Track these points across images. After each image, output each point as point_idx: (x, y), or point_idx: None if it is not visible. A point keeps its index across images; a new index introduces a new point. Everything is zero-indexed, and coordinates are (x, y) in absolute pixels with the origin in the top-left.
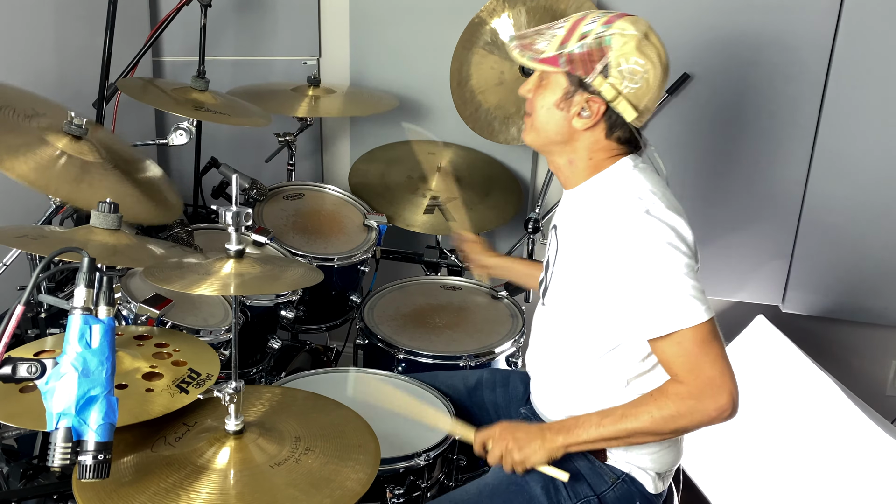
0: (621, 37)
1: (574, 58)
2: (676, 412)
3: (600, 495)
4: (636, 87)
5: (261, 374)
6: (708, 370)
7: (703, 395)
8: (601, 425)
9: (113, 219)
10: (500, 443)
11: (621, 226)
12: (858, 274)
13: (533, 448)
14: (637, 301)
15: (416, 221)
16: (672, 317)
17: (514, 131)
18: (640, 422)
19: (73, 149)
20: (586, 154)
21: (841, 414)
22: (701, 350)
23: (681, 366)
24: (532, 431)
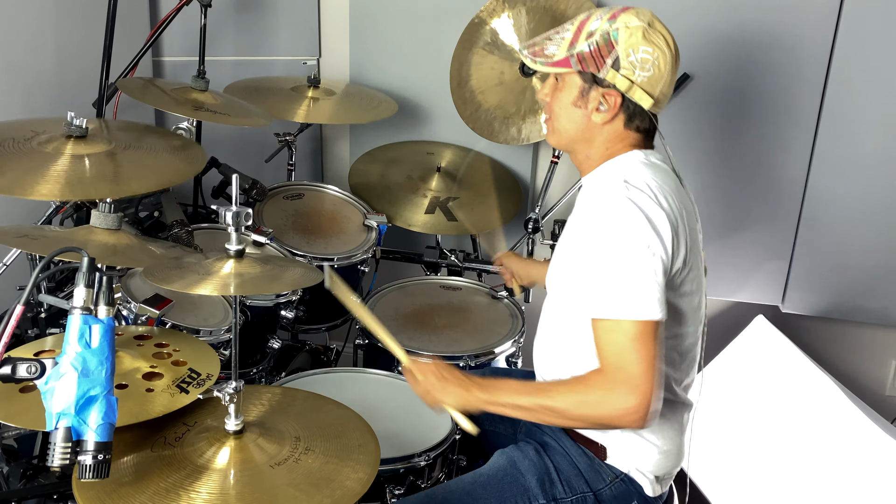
0: (626, 29)
1: (584, 56)
2: (585, 399)
3: (596, 492)
4: (648, 74)
5: (261, 374)
6: (630, 367)
7: (614, 389)
8: (519, 393)
9: (113, 219)
10: (428, 376)
11: (599, 207)
12: (858, 274)
13: (452, 392)
14: (592, 279)
15: (416, 221)
16: (616, 303)
17: (514, 131)
18: (551, 399)
19: (82, 149)
20: (604, 147)
21: (841, 414)
22: (632, 346)
23: (608, 354)
24: (458, 378)
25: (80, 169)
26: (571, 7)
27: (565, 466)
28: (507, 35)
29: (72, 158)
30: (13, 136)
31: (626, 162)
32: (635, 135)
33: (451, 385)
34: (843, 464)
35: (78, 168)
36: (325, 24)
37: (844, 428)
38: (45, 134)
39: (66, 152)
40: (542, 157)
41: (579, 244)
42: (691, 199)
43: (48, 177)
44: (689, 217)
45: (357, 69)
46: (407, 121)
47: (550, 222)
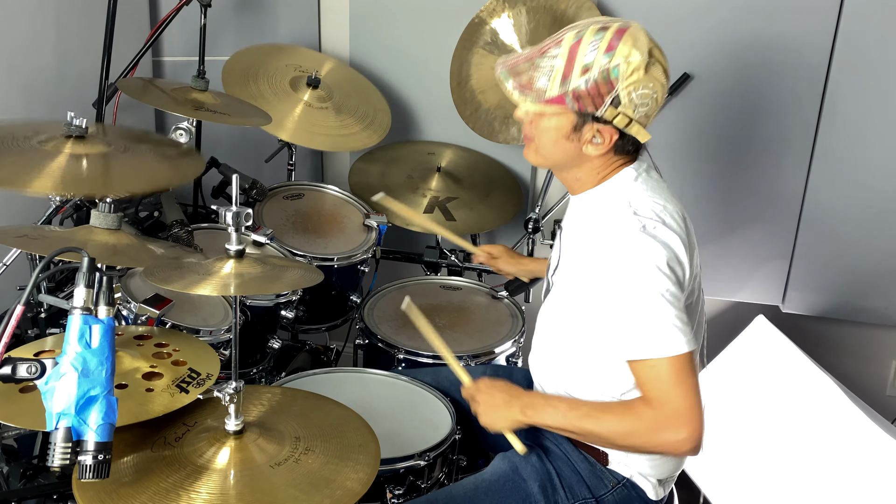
0: (626, 65)
1: (581, 94)
2: (634, 430)
3: (599, 498)
4: (646, 108)
5: (261, 374)
6: (675, 402)
7: (665, 423)
8: (566, 417)
9: (113, 219)
10: (476, 403)
11: (616, 242)
12: (858, 274)
13: (500, 415)
14: (620, 321)
15: (416, 221)
16: (651, 343)
17: (514, 131)
18: (600, 426)
19: (80, 149)
20: (595, 171)
21: (841, 414)
22: (674, 380)
23: (651, 390)
24: (504, 400)
25: (77, 167)
26: (572, 7)
27: (567, 472)
28: (508, 35)
29: (70, 157)
30: (13, 133)
31: (623, 184)
32: (624, 157)
33: (496, 409)
34: (843, 464)
35: (75, 166)
36: (325, 24)
37: (845, 428)
38: (45, 133)
39: (64, 151)
40: None
41: (593, 278)
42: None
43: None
44: (689, 226)
45: (357, 69)
46: (407, 121)
47: (550, 222)
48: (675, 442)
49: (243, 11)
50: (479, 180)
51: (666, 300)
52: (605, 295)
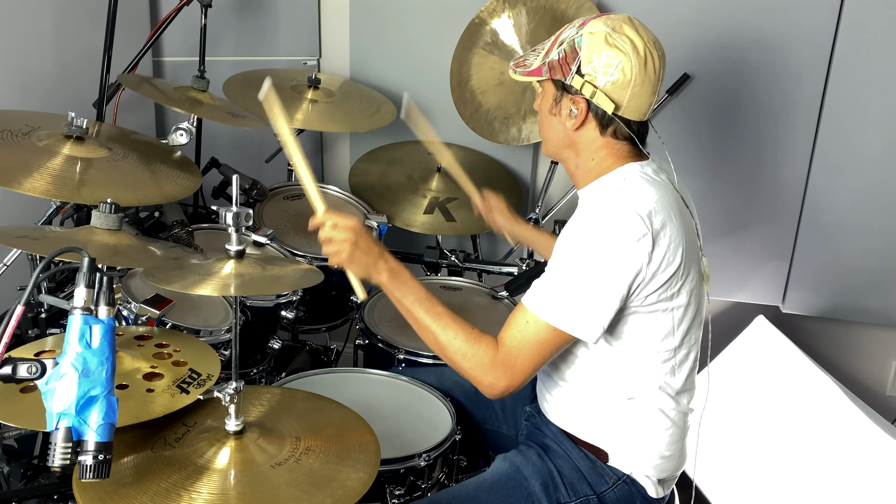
0: (590, 35)
1: (553, 64)
2: (469, 356)
3: (600, 495)
4: (612, 78)
5: (261, 374)
6: (521, 361)
7: (496, 367)
8: (417, 302)
9: (114, 219)
10: (339, 238)
11: (588, 216)
12: (858, 274)
13: (359, 261)
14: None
15: (416, 221)
16: (552, 306)
17: (514, 131)
18: (442, 333)
19: (79, 151)
20: (588, 155)
21: (841, 414)
22: (536, 346)
23: (510, 337)
24: (371, 252)
25: (71, 171)
26: (572, 7)
27: (568, 470)
28: (508, 35)
29: (66, 159)
30: (10, 128)
31: (623, 177)
32: (620, 144)
33: (361, 253)
34: (843, 464)
35: (70, 169)
36: (326, 24)
37: (845, 428)
38: (45, 130)
39: (62, 152)
40: (542, 157)
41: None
42: (691, 210)
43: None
44: (689, 231)
45: (357, 69)
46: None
47: (551, 222)
48: (490, 385)
49: (243, 11)
50: (480, 180)
51: (595, 281)
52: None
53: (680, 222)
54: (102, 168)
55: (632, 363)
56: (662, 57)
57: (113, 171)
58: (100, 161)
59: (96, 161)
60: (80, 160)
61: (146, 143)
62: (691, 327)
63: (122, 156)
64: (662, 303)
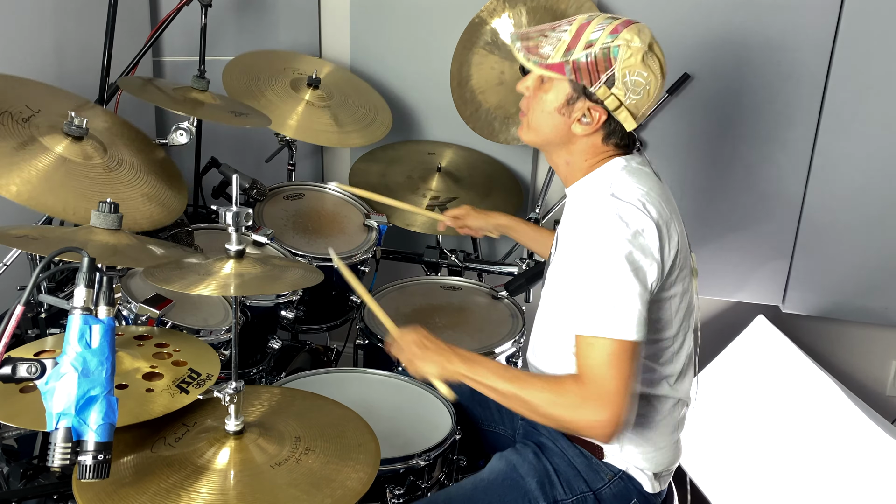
0: (627, 49)
1: (580, 66)
2: (559, 403)
3: (596, 492)
4: (638, 98)
5: (261, 374)
6: (605, 384)
7: (588, 402)
8: (497, 376)
9: (113, 219)
10: (411, 346)
11: (590, 223)
12: (858, 274)
13: (433, 361)
14: (577, 295)
15: (416, 221)
16: (596, 321)
17: (514, 131)
18: (526, 392)
19: (72, 152)
20: (583, 157)
21: (841, 414)
22: (608, 362)
23: (586, 368)
24: (440, 348)
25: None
26: (572, 7)
27: (564, 468)
28: (508, 35)
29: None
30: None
31: (609, 172)
32: (613, 149)
33: (432, 354)
34: (843, 464)
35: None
36: (326, 24)
37: (844, 428)
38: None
39: (55, 150)
40: (542, 157)
41: (568, 258)
42: (673, 200)
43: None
44: (677, 219)
45: (357, 69)
46: (407, 121)
47: (550, 222)
48: (595, 423)
49: (243, 12)
50: (479, 180)
51: (623, 286)
52: (573, 273)
53: (670, 211)
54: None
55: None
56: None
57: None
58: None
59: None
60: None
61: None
62: (685, 318)
63: (117, 163)
64: (660, 291)
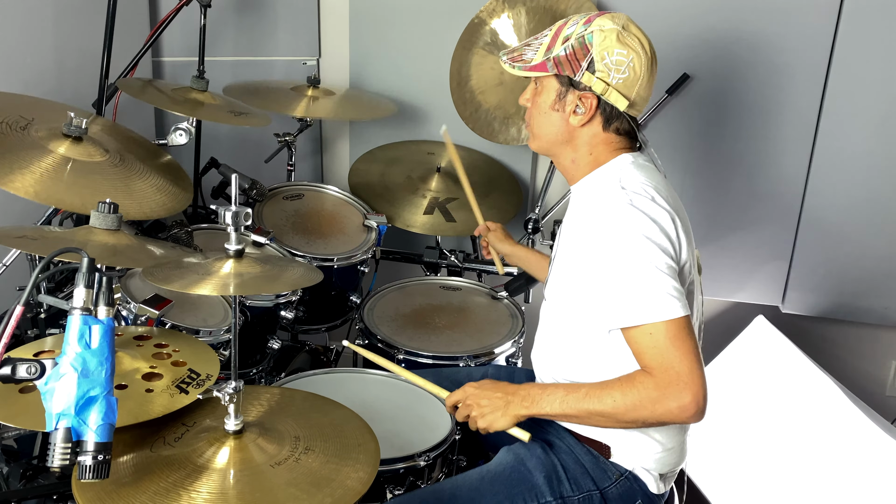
0: (601, 32)
1: (560, 60)
2: (639, 401)
3: (603, 490)
4: (624, 76)
5: (260, 374)
6: (676, 365)
7: (667, 389)
8: (565, 401)
9: (113, 219)
10: (467, 408)
11: (603, 216)
12: (858, 274)
13: (497, 416)
14: (612, 290)
15: (416, 222)
16: (645, 308)
17: (514, 131)
18: (602, 404)
19: (75, 152)
20: (587, 150)
21: (841, 414)
22: (672, 344)
23: (651, 357)
24: (497, 399)
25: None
26: (571, 7)
27: (572, 465)
28: (507, 35)
29: (60, 160)
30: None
31: (616, 167)
32: (617, 138)
33: (491, 410)
34: (843, 464)
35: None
36: (325, 24)
37: (844, 428)
38: (42, 124)
39: (57, 151)
40: (542, 157)
41: (582, 253)
42: (678, 199)
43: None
44: (683, 215)
45: (357, 69)
46: (407, 121)
47: (550, 222)
48: (679, 408)
49: (243, 12)
50: (479, 180)
51: (657, 267)
52: (597, 269)
53: (679, 207)
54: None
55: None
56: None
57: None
58: (94, 165)
59: (90, 165)
60: (74, 161)
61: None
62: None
63: (119, 160)
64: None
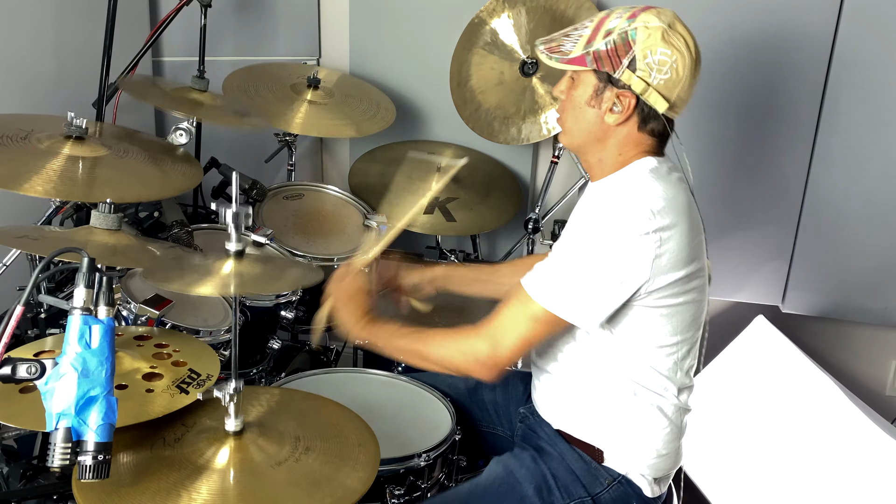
0: (645, 29)
1: (601, 55)
2: (448, 344)
3: (594, 496)
4: (666, 77)
5: (260, 374)
6: (507, 333)
7: (479, 335)
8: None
9: (113, 219)
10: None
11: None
12: (858, 274)
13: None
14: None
15: (416, 221)
16: (541, 282)
17: (514, 131)
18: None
19: (80, 150)
20: (616, 150)
21: (841, 414)
22: (521, 318)
23: (503, 311)
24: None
25: (73, 170)
26: (571, 7)
27: (562, 473)
28: (507, 35)
29: (67, 159)
30: (11, 129)
31: (636, 173)
32: (649, 139)
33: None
34: (843, 464)
35: (71, 169)
36: (325, 24)
37: (844, 428)
38: (44, 131)
39: (62, 152)
40: (542, 157)
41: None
42: (698, 208)
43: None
44: (698, 231)
45: (357, 69)
46: (407, 121)
47: (550, 222)
48: (474, 353)
49: (243, 12)
50: (479, 180)
51: (591, 263)
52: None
53: (689, 221)
54: (106, 165)
55: (633, 357)
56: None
57: (118, 167)
58: (102, 159)
59: (99, 159)
60: (83, 159)
61: (146, 141)
62: (693, 325)
63: (124, 152)
64: (669, 298)
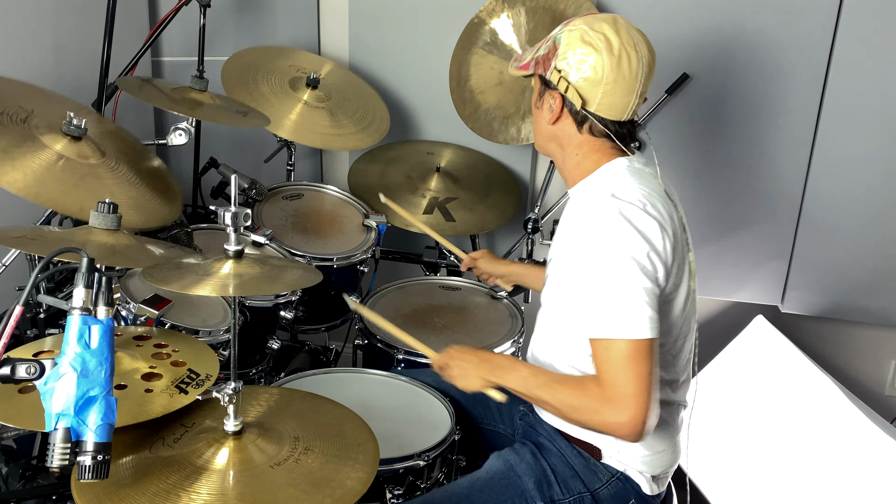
0: (569, 32)
1: (539, 59)
2: (581, 406)
3: (594, 492)
4: (585, 75)
5: (260, 374)
6: (624, 386)
7: (609, 404)
8: (527, 382)
9: (112, 219)
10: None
11: (593, 226)
12: (858, 274)
13: (470, 379)
14: (588, 300)
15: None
16: (610, 323)
17: (514, 131)
18: (552, 397)
19: (71, 151)
20: (573, 151)
21: (841, 414)
22: (626, 364)
23: (603, 370)
24: (472, 364)
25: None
26: (571, 7)
27: (561, 468)
28: (507, 35)
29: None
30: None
31: (611, 172)
32: (601, 142)
33: (475, 369)
34: (843, 464)
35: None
36: (325, 24)
37: (844, 428)
38: (42, 118)
39: (54, 147)
40: (542, 157)
41: (572, 259)
42: (675, 202)
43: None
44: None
45: (356, 69)
46: (407, 121)
47: (550, 222)
48: (616, 424)
49: (243, 12)
50: (479, 180)
51: (632, 288)
52: (581, 279)
53: (671, 214)
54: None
55: None
56: (646, 58)
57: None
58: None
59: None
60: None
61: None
62: (685, 321)
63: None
64: (663, 294)
